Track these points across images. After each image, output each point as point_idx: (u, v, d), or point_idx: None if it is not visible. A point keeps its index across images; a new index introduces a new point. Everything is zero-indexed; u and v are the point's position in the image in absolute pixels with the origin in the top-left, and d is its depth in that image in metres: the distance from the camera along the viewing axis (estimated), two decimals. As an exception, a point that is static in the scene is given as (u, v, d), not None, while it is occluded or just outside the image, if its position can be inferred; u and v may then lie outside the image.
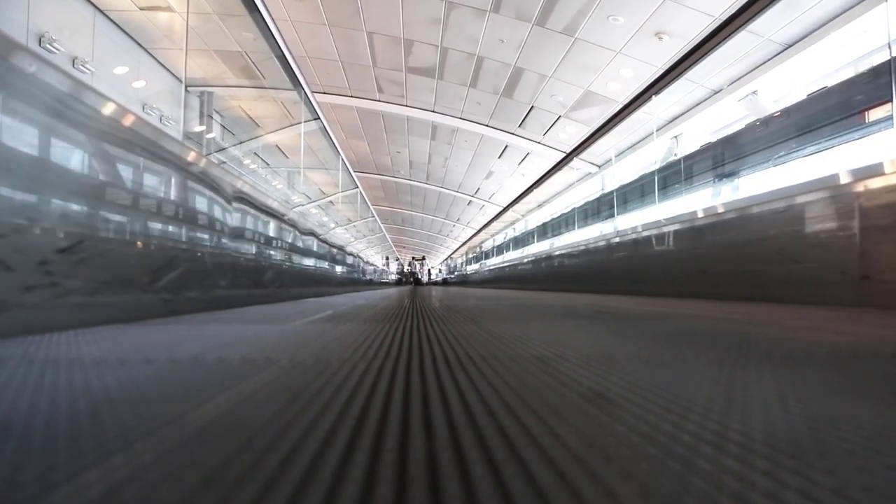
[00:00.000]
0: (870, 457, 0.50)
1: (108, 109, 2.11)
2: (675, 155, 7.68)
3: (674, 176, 6.39)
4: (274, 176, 11.03)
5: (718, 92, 7.08)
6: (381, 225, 22.64)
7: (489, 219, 17.03)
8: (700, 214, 4.53)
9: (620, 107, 7.61)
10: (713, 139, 6.41)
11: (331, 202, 14.16)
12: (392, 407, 0.71)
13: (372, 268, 17.70)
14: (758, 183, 4.58)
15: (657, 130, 7.85)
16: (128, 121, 2.26)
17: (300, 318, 2.40)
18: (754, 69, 6.36)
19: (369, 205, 17.38)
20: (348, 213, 16.43)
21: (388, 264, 31.69)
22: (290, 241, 5.14)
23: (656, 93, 6.34)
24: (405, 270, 34.35)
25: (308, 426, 0.61)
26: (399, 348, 1.33)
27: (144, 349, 1.30)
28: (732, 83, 6.75)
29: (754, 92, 6.43)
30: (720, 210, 4.21)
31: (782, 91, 6.13)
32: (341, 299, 5.29)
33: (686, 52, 5.56)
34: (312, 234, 6.60)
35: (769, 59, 6.13)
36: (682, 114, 7.93)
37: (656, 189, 6.56)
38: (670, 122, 8.15)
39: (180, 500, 0.41)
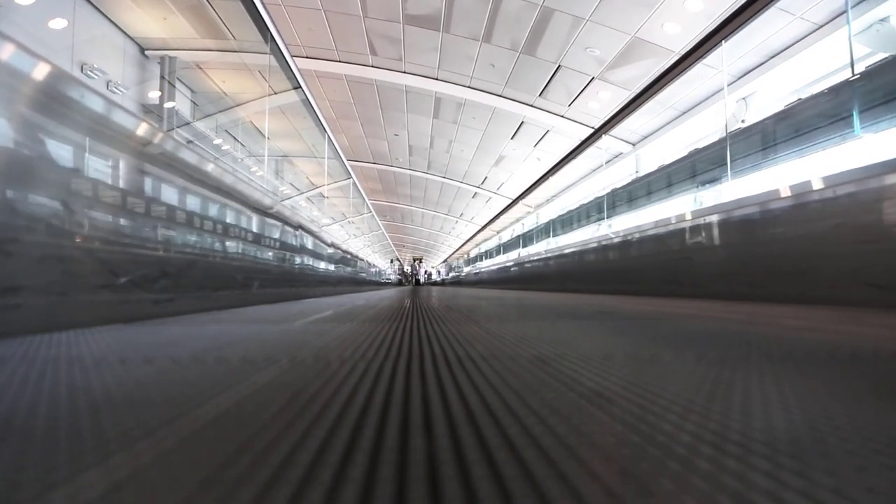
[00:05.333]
0: (869, 457, 0.50)
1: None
2: (742, 122, 5.88)
3: (748, 145, 4.63)
4: (254, 163, 9.28)
5: (819, 28, 5.06)
6: (380, 222, 22.02)
7: (496, 213, 15.19)
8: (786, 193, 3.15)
9: (678, 57, 5.43)
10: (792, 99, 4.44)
11: (322, 195, 12.68)
12: (392, 407, 0.71)
13: (372, 268, 17.14)
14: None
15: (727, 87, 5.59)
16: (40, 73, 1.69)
17: (300, 319, 2.40)
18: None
19: (365, 199, 16.00)
20: (343, 209, 15.09)
21: (391, 264, 31.70)
22: (280, 237, 4.64)
23: (730, 33, 4.29)
24: (405, 271, 34.34)
25: (308, 426, 0.61)
26: (399, 348, 1.33)
27: (144, 349, 1.30)
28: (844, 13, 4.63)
29: (882, 20, 4.60)
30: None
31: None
32: (341, 300, 5.30)
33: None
34: (301, 227, 5.73)
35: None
36: (759, 65, 5.88)
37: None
38: (738, 78, 6.18)
39: (180, 500, 0.41)
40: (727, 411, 0.68)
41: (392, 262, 32.96)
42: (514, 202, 12.97)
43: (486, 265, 17.39)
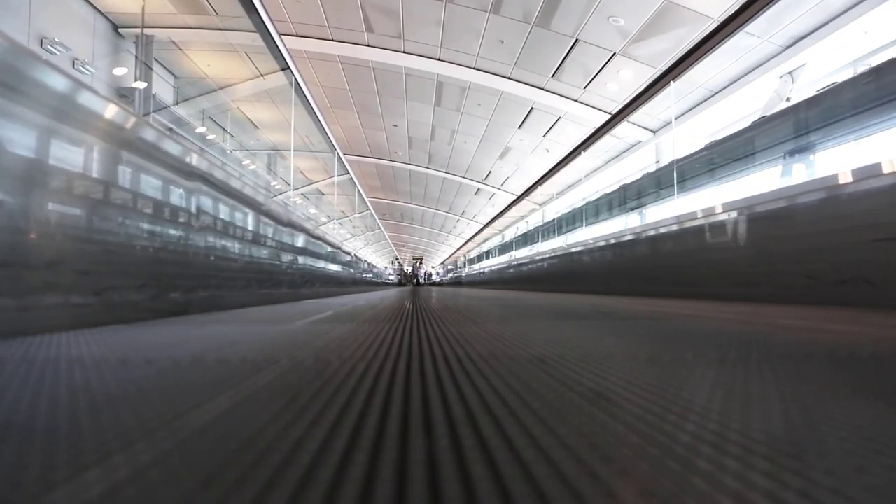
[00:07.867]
0: (869, 457, 0.50)
1: None
2: (788, 100, 5.46)
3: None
4: (247, 156, 8.95)
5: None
6: (379, 221, 21.59)
7: (499, 211, 14.53)
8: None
9: (716, 25, 4.71)
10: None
11: (319, 191, 12.20)
12: (392, 407, 0.71)
13: (373, 269, 16.87)
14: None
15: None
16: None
17: (300, 319, 2.40)
18: None
19: (364, 196, 15.40)
20: (341, 206, 14.60)
21: (392, 264, 31.71)
22: (274, 235, 4.27)
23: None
24: (405, 271, 34.32)
25: (308, 426, 0.61)
26: (399, 348, 1.33)
27: (144, 349, 1.30)
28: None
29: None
30: None
31: None
32: (340, 300, 5.30)
33: None
34: (292, 225, 5.26)
35: None
36: (815, 30, 4.99)
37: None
38: (785, 48, 5.49)
39: (180, 500, 0.41)
40: (726, 411, 0.68)
41: (393, 262, 32.98)
42: (520, 198, 12.15)
43: (488, 265, 17.25)
